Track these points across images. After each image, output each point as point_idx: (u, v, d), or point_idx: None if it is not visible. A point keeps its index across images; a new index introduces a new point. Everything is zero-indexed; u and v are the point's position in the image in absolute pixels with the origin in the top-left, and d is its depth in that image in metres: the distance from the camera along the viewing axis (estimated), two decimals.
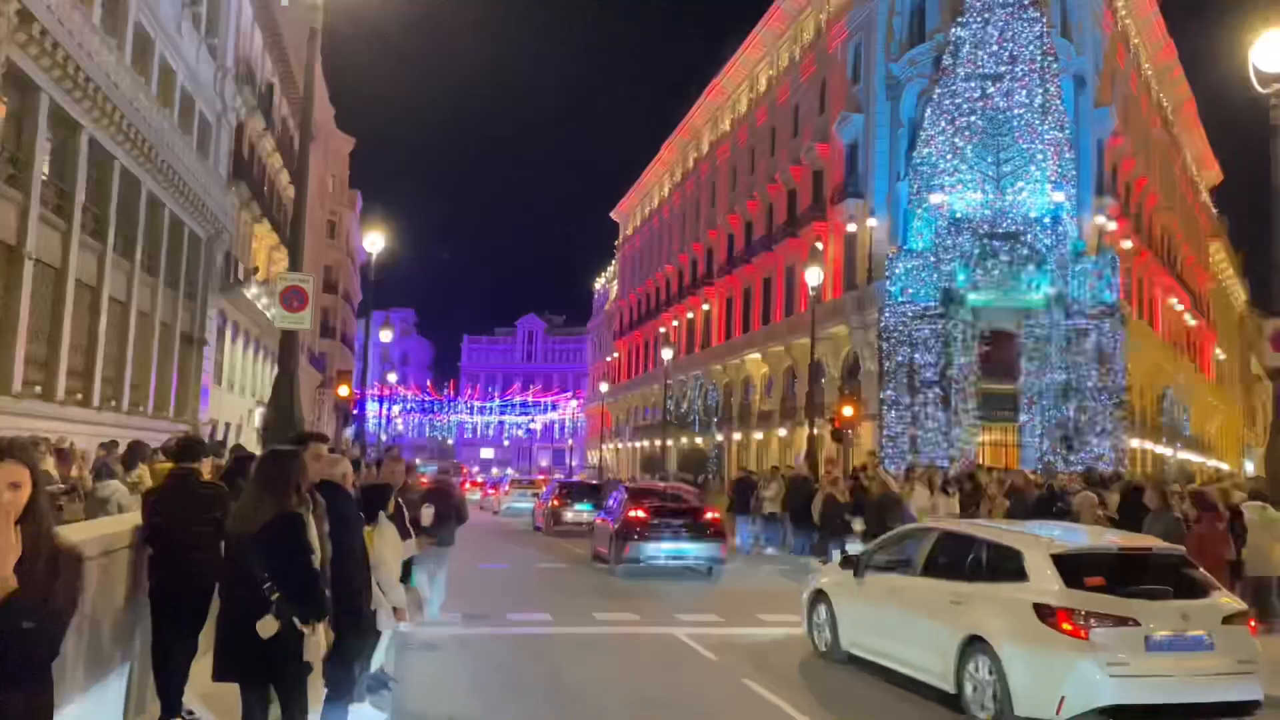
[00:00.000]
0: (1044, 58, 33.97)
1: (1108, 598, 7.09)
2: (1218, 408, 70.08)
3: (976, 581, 8.00)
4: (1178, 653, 7.04)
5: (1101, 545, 8.19)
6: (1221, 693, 7.07)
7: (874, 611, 9.18)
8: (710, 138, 60.20)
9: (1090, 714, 6.92)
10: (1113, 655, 6.87)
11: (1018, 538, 8.11)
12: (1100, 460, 31.98)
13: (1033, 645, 7.15)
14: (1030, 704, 7.08)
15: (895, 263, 34.49)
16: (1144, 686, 6.93)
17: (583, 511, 26.14)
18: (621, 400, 75.42)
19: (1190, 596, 7.38)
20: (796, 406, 45.20)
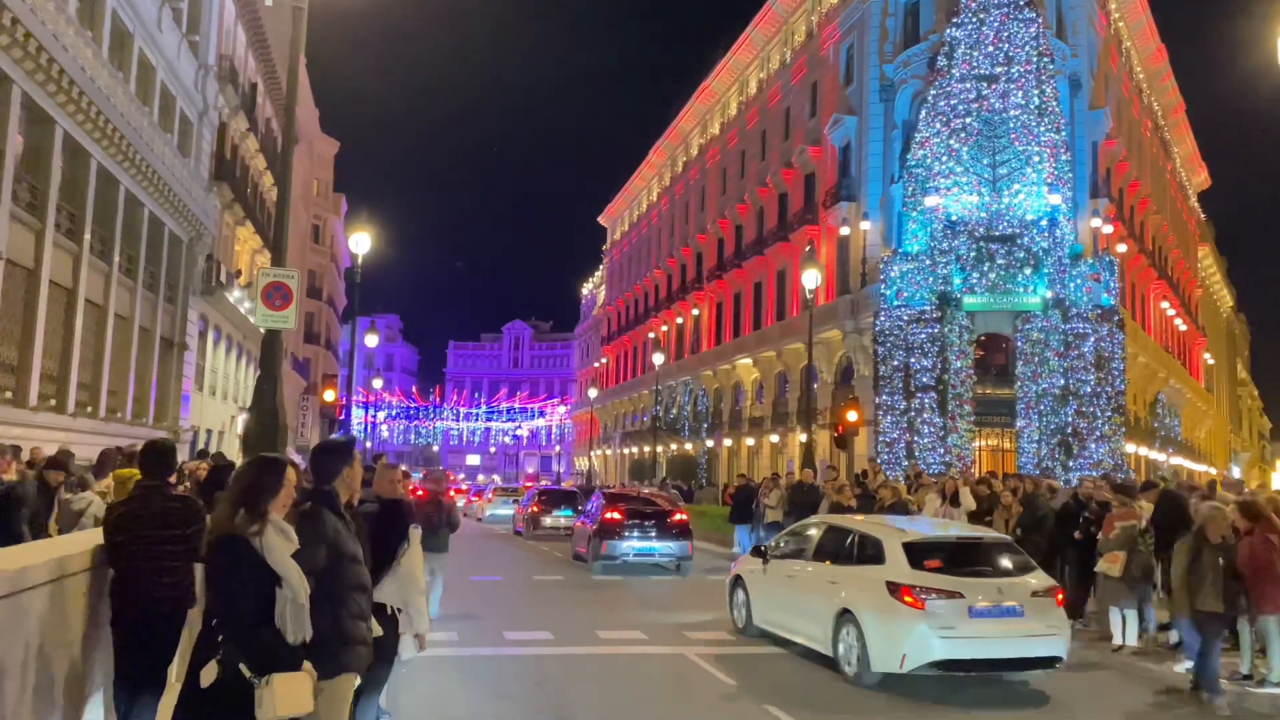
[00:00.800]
0: (1040, 58, 33.60)
1: (941, 576, 8.95)
2: (1207, 413, 70.04)
3: (849, 565, 9.84)
4: (995, 619, 8.79)
5: (942, 535, 10.29)
6: (1029, 649, 8.91)
7: (776, 593, 11.06)
8: (699, 141, 59.73)
9: (925, 666, 8.69)
10: (943, 621, 8.67)
11: (880, 529, 9.96)
12: (1099, 465, 31.56)
13: (884, 614, 8.92)
14: (882, 661, 8.88)
15: (890, 266, 34.00)
16: (967, 645, 8.71)
17: (561, 517, 27.59)
18: (609, 406, 74.76)
19: (1009, 575, 9.20)
20: (788, 412, 44.70)
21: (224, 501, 3.78)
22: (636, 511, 18.90)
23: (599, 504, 20.00)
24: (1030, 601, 8.90)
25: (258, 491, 3.76)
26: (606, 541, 18.29)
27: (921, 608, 8.70)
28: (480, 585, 16.07)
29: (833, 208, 39.79)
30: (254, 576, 3.61)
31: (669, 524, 18.67)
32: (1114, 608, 10.25)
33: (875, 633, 8.95)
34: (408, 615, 5.52)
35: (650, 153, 68.69)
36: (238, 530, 3.66)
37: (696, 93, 58.77)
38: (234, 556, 3.61)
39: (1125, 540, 10.09)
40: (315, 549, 3.96)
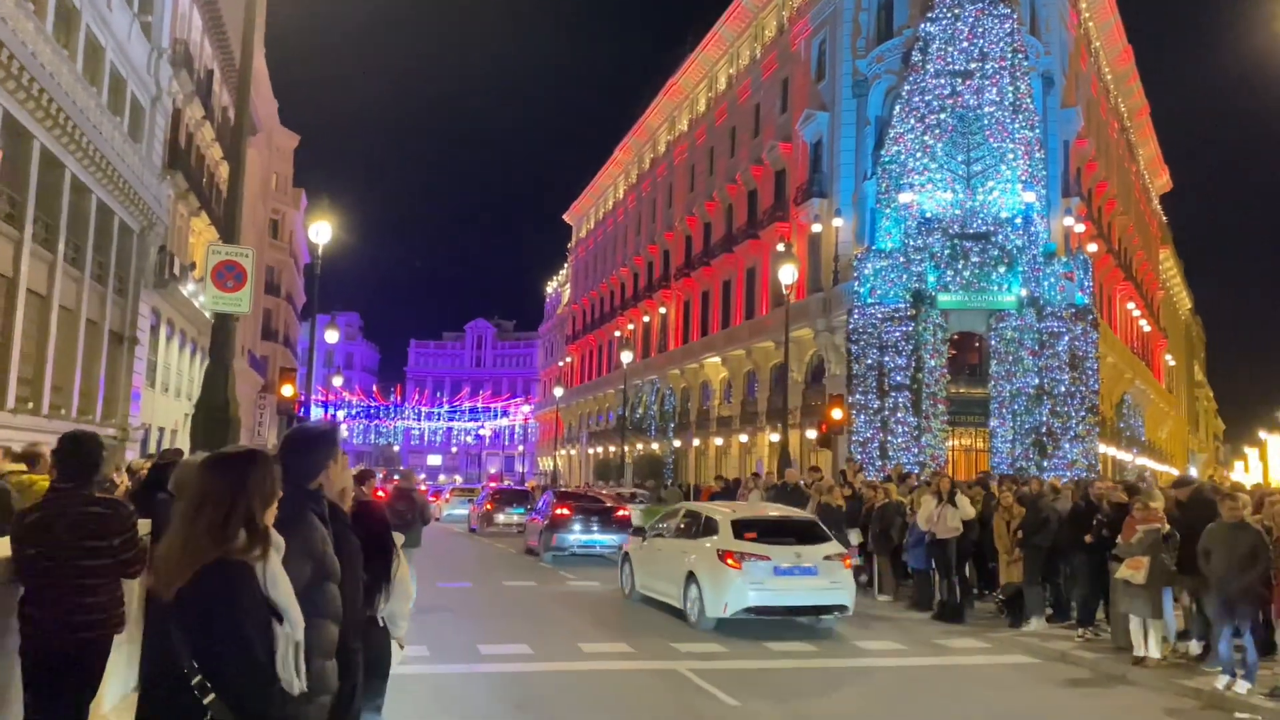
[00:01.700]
0: (1014, 55, 33.29)
1: (756, 544, 11.91)
2: (1168, 414, 70.63)
3: (695, 539, 12.76)
4: (795, 576, 11.74)
5: (761, 515, 13.49)
6: (821, 599, 11.85)
7: (649, 564, 14.03)
8: (667, 138, 59.01)
9: (741, 611, 11.58)
10: (754, 577, 11.59)
11: (717, 511, 13.34)
12: (1073, 466, 31.28)
13: (714, 573, 11.84)
14: (712, 609, 11.76)
15: (863, 263, 33.48)
16: (773, 595, 11.67)
17: (514, 514, 29.22)
18: (574, 406, 73.82)
19: (808, 544, 12.10)
20: (757, 412, 44.11)
21: (203, 513, 2.74)
22: (583, 508, 21.36)
23: (549, 501, 22.59)
24: (822, 564, 11.87)
25: (258, 500, 2.81)
26: (556, 534, 20.59)
27: (740, 567, 11.65)
28: (448, 593, 15.15)
29: (804, 204, 39.24)
30: (257, 617, 2.71)
31: (612, 519, 21.01)
32: (1136, 617, 9.60)
33: (708, 587, 11.86)
34: (392, 622, 4.79)
35: (617, 150, 67.87)
36: (237, 554, 2.71)
37: (664, 89, 58.03)
38: (235, 590, 2.67)
39: (1149, 545, 9.46)
40: (301, 565, 3.02)
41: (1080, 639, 11.06)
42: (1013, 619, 12.18)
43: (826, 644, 11.04)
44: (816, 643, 11.10)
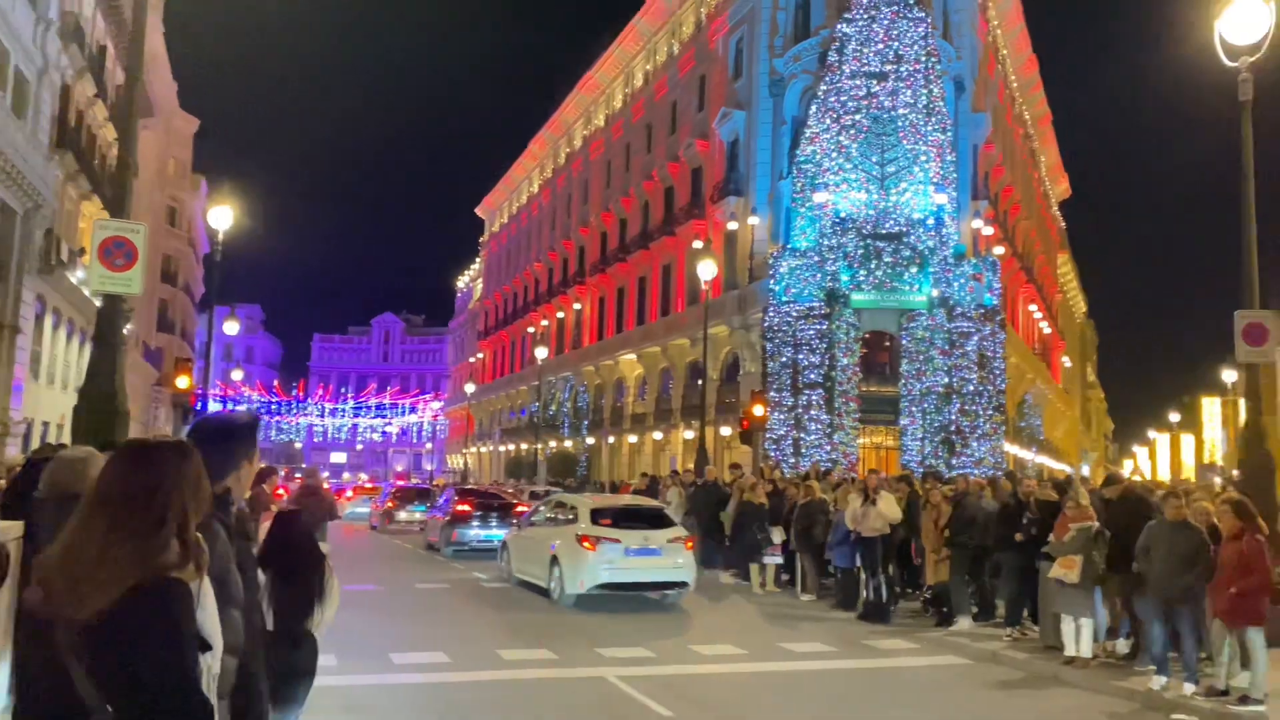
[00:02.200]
0: (928, 58, 33.71)
1: (609, 529, 13.49)
2: (1064, 413, 73.09)
3: (560, 526, 14.28)
4: (642, 556, 13.39)
5: (615, 504, 15.31)
6: (665, 576, 13.63)
7: (524, 550, 15.50)
8: (583, 133, 58.46)
9: (595, 588, 13.22)
10: (607, 558, 13.24)
11: (580, 500, 15.06)
12: (981, 464, 31.85)
13: (573, 555, 13.42)
14: (572, 586, 13.33)
15: (779, 262, 33.54)
16: (623, 573, 13.33)
17: (416, 512, 29.51)
18: (485, 402, 72.71)
19: (656, 529, 13.80)
20: (672, 409, 43.98)
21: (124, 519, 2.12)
22: (483, 504, 22.09)
23: (451, 498, 23.43)
24: (667, 546, 13.57)
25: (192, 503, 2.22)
26: (457, 529, 21.31)
27: (595, 549, 13.24)
28: (356, 596, 14.41)
29: (721, 202, 39.19)
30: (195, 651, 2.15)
31: (511, 514, 21.31)
32: (1068, 616, 9.54)
33: (568, 567, 13.45)
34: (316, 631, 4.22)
35: (531, 143, 67.02)
36: (173, 571, 2.12)
37: (580, 83, 57.47)
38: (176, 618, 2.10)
39: (1081, 543, 9.40)
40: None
41: (1009, 638, 11.01)
42: (940, 618, 12.09)
43: (756, 647, 10.75)
44: (745, 646, 10.80)
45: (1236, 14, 11.43)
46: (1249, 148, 11.38)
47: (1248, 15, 11.34)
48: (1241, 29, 11.36)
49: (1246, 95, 11.38)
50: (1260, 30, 11.24)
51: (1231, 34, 11.42)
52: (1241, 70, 11.36)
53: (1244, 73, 11.36)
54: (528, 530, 15.73)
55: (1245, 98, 11.38)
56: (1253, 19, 11.31)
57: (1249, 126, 11.38)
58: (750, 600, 14.73)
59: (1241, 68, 11.36)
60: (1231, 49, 11.43)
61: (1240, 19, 11.37)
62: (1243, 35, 11.38)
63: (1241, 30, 11.36)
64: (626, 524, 13.67)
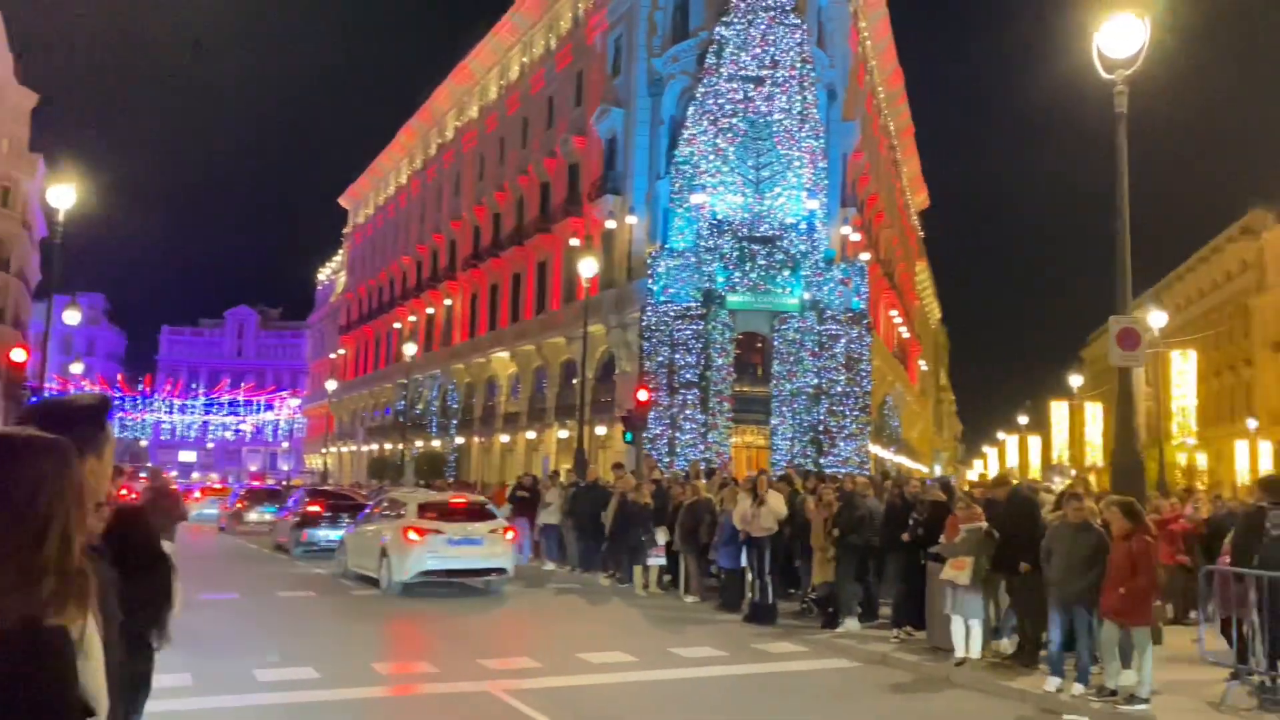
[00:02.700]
0: (803, 65, 34.29)
1: (434, 522, 14.74)
2: (920, 415, 75.99)
3: (390, 521, 15.38)
4: (464, 546, 14.71)
5: (441, 499, 16.41)
6: (485, 563, 14.93)
7: (358, 545, 16.47)
8: (456, 123, 57.15)
9: (419, 575, 14.41)
10: (431, 548, 14.48)
11: (409, 496, 16.60)
12: (847, 463, 32.58)
13: (400, 546, 14.55)
14: (398, 574, 14.52)
15: (657, 261, 33.54)
16: (446, 561, 14.57)
17: (266, 514, 29.12)
18: (347, 400, 70.29)
19: (477, 521, 15.17)
20: (545, 408, 43.43)
21: None
22: (334, 505, 22.28)
23: (301, 498, 23.75)
24: (487, 536, 14.92)
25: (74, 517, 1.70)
26: (307, 530, 21.47)
27: (420, 540, 14.42)
28: (214, 606, 13.39)
29: (598, 200, 38.88)
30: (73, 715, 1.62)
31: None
32: (958, 617, 9.58)
33: (395, 557, 14.58)
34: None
35: (400, 133, 65.15)
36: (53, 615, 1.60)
37: (453, 73, 56.15)
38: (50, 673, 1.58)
39: (972, 544, 9.46)
40: None
41: (896, 640, 11.04)
42: (825, 619, 12.06)
43: (645, 654, 10.42)
44: (634, 653, 10.46)
45: (1113, 28, 11.78)
46: (1123, 158, 11.75)
47: (1123, 30, 11.70)
48: (1118, 43, 11.71)
49: (1121, 107, 11.74)
50: (1135, 45, 11.61)
51: (1108, 48, 11.76)
52: (1118, 83, 11.71)
53: (1120, 85, 11.72)
54: (362, 527, 16.72)
55: (1120, 110, 11.74)
56: (1129, 33, 11.67)
57: (1124, 138, 11.76)
58: (634, 603, 14.44)
59: (1118, 80, 11.72)
60: (1109, 62, 11.77)
61: (1116, 33, 11.72)
62: (1119, 49, 11.73)
63: (1118, 44, 11.71)
64: (451, 518, 14.95)
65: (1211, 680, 8.59)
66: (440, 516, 14.87)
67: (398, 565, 14.45)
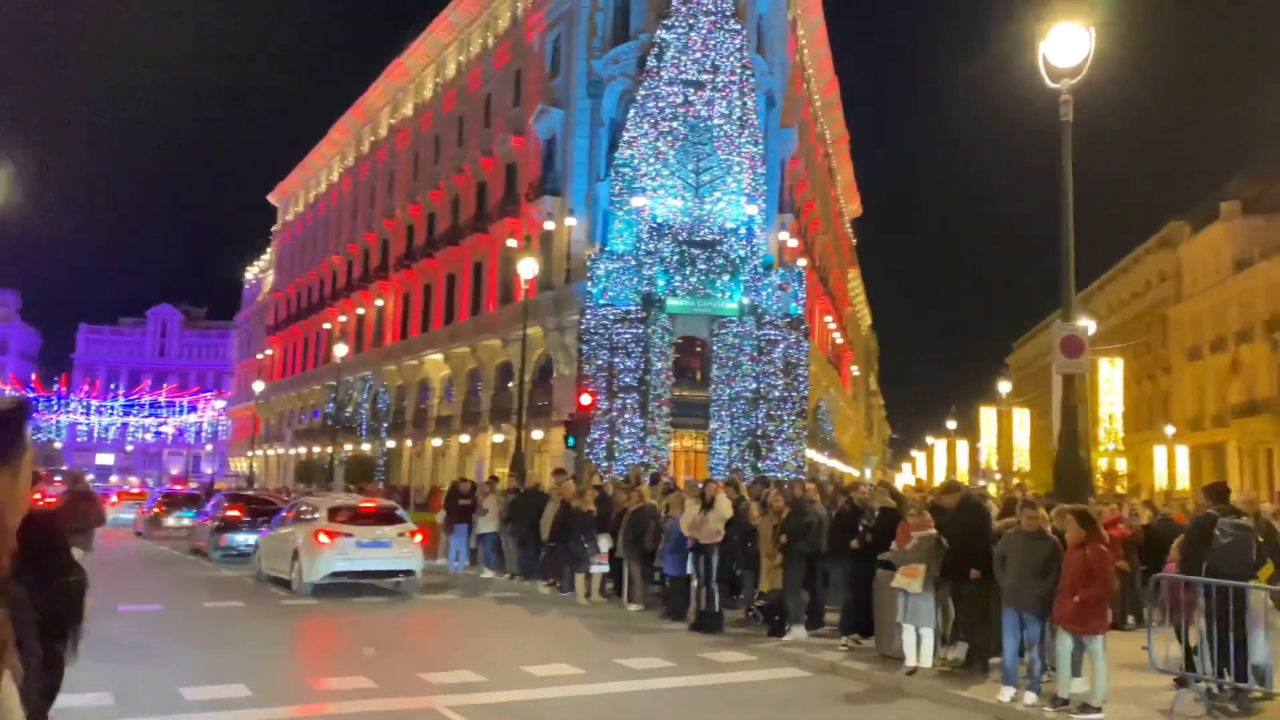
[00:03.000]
0: (743, 71, 34.40)
1: (344, 525, 15.26)
2: (852, 419, 76.93)
3: (303, 524, 15.85)
4: (373, 549, 15.27)
5: (350, 502, 16.93)
6: (393, 565, 15.49)
7: (272, 549, 16.86)
8: (390, 121, 56.17)
9: (329, 576, 14.92)
10: (341, 550, 15.00)
11: (321, 501, 17.17)
12: (785, 467, 32.69)
13: (311, 548, 15.02)
14: (309, 575, 15.03)
15: (597, 264, 33.32)
16: (356, 562, 15.09)
17: (184, 519, 28.81)
18: (274, 402, 68.59)
19: (386, 524, 15.72)
20: (480, 411, 42.83)
21: None
22: (254, 510, 22.38)
23: (219, 503, 23.87)
24: (396, 539, 15.48)
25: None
26: (225, 535, 21.59)
27: (330, 542, 14.93)
28: (136, 619, 12.75)
29: (536, 201, 38.48)
30: None
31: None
32: (910, 626, 9.50)
33: (306, 559, 15.07)
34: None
35: (332, 129, 63.83)
36: None
37: (388, 69, 55.19)
38: None
39: (924, 551, 9.39)
40: None
41: (845, 649, 10.94)
42: (772, 628, 11.92)
43: (592, 666, 10.14)
44: (581, 665, 10.17)
45: (1059, 37, 11.90)
46: (1068, 166, 11.87)
47: (1069, 39, 11.82)
48: (1065, 52, 11.83)
49: (1067, 116, 11.87)
50: (1080, 54, 11.73)
51: (1055, 57, 11.86)
52: (1063, 92, 11.83)
53: (1065, 94, 11.84)
54: (276, 530, 17.12)
55: (1066, 118, 11.86)
56: (1074, 43, 11.79)
57: (1069, 146, 11.88)
58: (576, 612, 14.13)
59: (1063, 90, 11.83)
60: (1054, 71, 11.88)
61: (1062, 42, 11.84)
62: (1065, 58, 11.85)
63: (1064, 53, 11.82)
64: (361, 521, 15.51)
65: (1158, 687, 8.66)
66: (350, 520, 15.44)
67: (308, 567, 14.97)
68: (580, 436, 23.71)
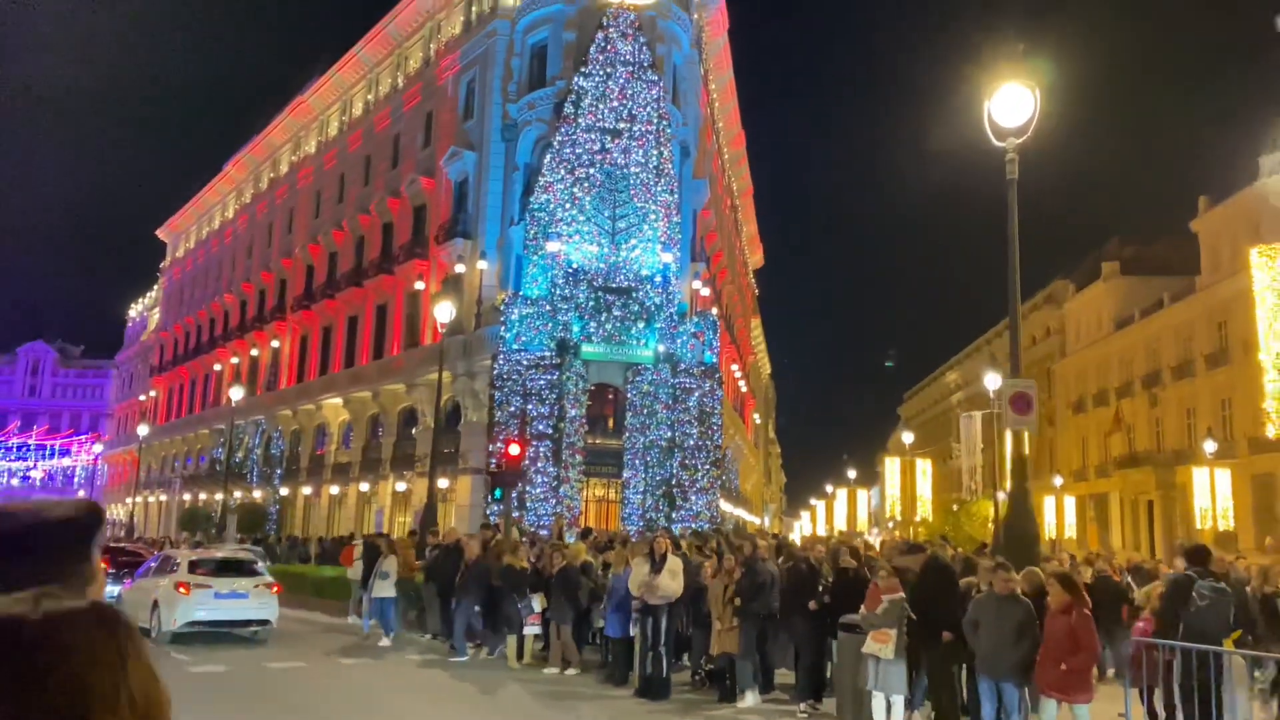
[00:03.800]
0: (660, 121, 34.57)
1: (203, 577, 16.26)
2: (754, 467, 77.48)
3: (164, 576, 16.71)
4: (231, 599, 16.27)
5: (211, 556, 17.99)
6: (251, 615, 16.42)
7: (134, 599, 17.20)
8: (292, 158, 54.60)
9: (186, 625, 15.82)
10: (199, 600, 15.96)
11: (181, 555, 17.94)
12: (699, 518, 32.36)
13: (171, 599, 15.96)
14: (168, 624, 15.83)
15: (510, 308, 32.71)
16: (214, 612, 16.07)
17: None
18: (157, 446, 65.10)
19: (244, 576, 16.75)
20: (380, 458, 41.37)
21: None
22: (120, 561, 22.25)
23: None
24: (253, 590, 16.41)
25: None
26: None
27: (189, 593, 15.86)
28: None
29: (446, 243, 37.68)
30: None
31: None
32: (879, 692, 9.14)
33: (165, 609, 15.91)
34: None
35: (229, 165, 61.75)
36: None
37: (291, 106, 53.78)
38: None
39: (895, 615, 9.08)
40: None
41: (803, 714, 10.51)
42: (721, 692, 11.42)
43: None
44: None
45: (1005, 98, 12.05)
46: (1014, 223, 11.95)
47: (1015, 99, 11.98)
48: (1010, 112, 11.98)
49: (1013, 174, 11.98)
50: (1026, 113, 11.90)
51: (1001, 116, 12.00)
52: (1008, 150, 11.95)
53: (1010, 153, 11.96)
54: (139, 581, 17.87)
55: (1012, 176, 11.97)
56: (1020, 103, 11.96)
57: (1014, 203, 11.98)
58: (511, 677, 13.26)
59: (1008, 148, 11.95)
60: (1000, 130, 12.01)
61: (1009, 102, 11.99)
62: (1010, 118, 11.99)
63: (1010, 113, 11.97)
64: (219, 573, 16.50)
65: None
66: (210, 572, 16.45)
67: (167, 616, 15.84)
68: (509, 488, 22.82)
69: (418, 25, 44.03)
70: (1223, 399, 47.99)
